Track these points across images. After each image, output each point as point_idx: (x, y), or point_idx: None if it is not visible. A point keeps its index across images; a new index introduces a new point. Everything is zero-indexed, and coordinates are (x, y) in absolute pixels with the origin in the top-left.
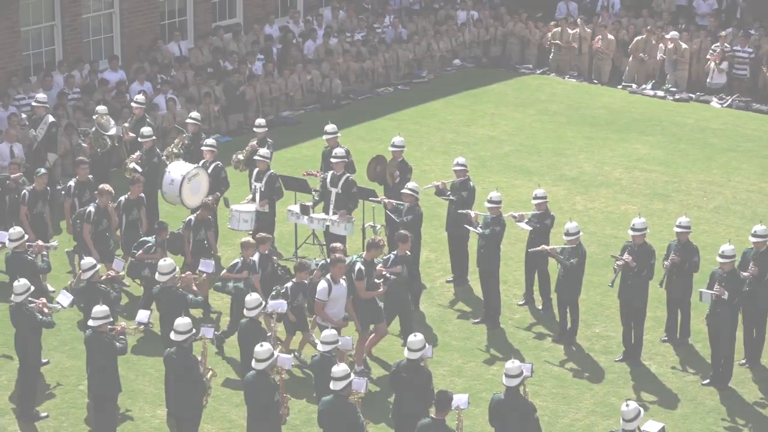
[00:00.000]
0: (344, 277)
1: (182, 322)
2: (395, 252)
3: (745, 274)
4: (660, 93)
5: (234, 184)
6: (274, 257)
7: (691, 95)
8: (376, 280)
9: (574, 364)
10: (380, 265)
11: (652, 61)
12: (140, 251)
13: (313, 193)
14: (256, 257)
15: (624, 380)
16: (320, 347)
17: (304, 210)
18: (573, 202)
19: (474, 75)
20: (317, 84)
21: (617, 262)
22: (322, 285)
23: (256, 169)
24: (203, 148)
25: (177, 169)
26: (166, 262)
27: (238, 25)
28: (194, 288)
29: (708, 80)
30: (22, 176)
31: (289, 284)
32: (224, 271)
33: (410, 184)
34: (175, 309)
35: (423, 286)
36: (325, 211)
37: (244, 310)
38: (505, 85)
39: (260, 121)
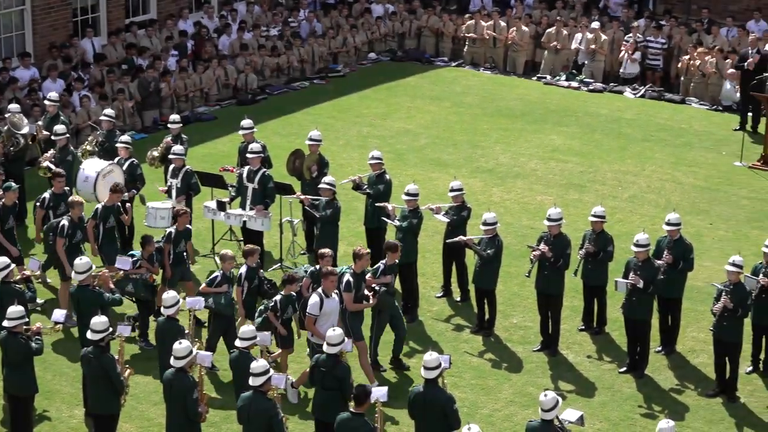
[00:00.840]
0: (336, 290)
1: (99, 320)
2: (384, 261)
3: (659, 262)
4: (574, 84)
5: (150, 180)
6: (261, 270)
7: (604, 86)
8: (366, 292)
9: (492, 354)
10: (369, 275)
11: (566, 52)
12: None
13: (230, 188)
14: (243, 269)
15: (542, 370)
16: (238, 343)
17: (221, 206)
18: (489, 194)
19: (389, 68)
20: (232, 79)
21: (533, 253)
22: (314, 299)
23: (172, 166)
24: (118, 145)
25: (91, 166)
26: (82, 260)
27: (151, 21)
28: (111, 286)
29: (621, 71)
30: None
31: (277, 297)
32: (203, 285)
33: (327, 179)
34: (92, 308)
35: None
36: (242, 206)
37: (162, 308)
38: (420, 78)
39: (175, 117)
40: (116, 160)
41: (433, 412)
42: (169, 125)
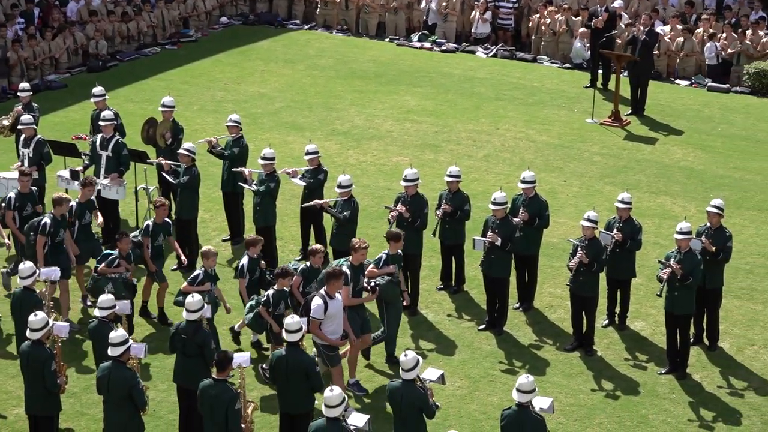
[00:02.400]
0: (340, 290)
1: None
2: (386, 251)
3: (516, 220)
4: (427, 45)
5: (0, 150)
6: (263, 262)
7: (457, 46)
8: (365, 284)
9: None
10: (372, 265)
11: (416, 13)
12: (102, 265)
13: (83, 157)
14: (245, 260)
15: (402, 330)
16: (97, 312)
17: (75, 175)
18: (346, 156)
19: (242, 32)
20: (82, 46)
21: (391, 213)
22: (318, 302)
23: (23, 136)
24: None
25: None
26: None
27: None
28: None
29: (473, 31)
30: None
31: (270, 292)
32: (185, 284)
33: (186, 145)
34: None
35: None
36: (96, 175)
37: (18, 279)
38: (273, 42)
39: (24, 85)
40: None
41: (296, 374)
42: (18, 94)
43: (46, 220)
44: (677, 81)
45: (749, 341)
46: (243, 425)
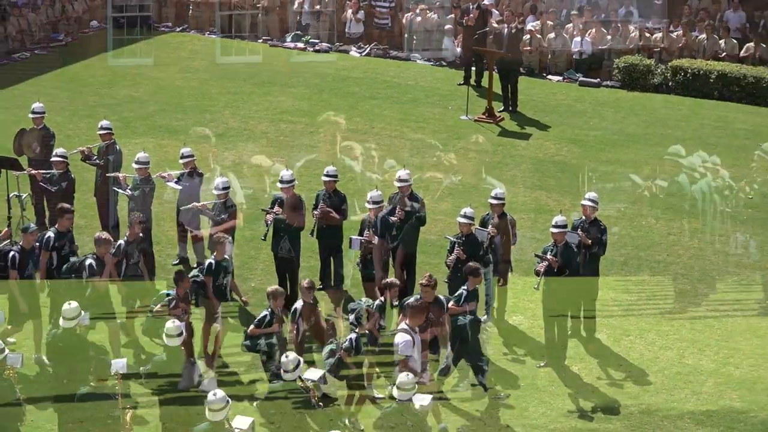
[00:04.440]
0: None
1: None
2: (466, 287)
3: (393, 218)
4: (300, 44)
5: None
6: (318, 308)
7: (330, 45)
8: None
9: (230, 319)
10: (452, 303)
11: (289, 12)
12: (158, 306)
13: None
14: (299, 305)
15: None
16: None
17: None
18: (222, 158)
19: (113, 36)
20: None
21: (268, 216)
22: (405, 338)
23: None
24: None
25: None
26: None
27: None
28: None
29: (346, 30)
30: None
31: (352, 335)
32: (251, 326)
33: (59, 151)
34: None
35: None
36: None
37: None
38: (145, 45)
39: None
40: None
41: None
42: None
43: (90, 261)
44: (549, 77)
45: (625, 332)
46: None
